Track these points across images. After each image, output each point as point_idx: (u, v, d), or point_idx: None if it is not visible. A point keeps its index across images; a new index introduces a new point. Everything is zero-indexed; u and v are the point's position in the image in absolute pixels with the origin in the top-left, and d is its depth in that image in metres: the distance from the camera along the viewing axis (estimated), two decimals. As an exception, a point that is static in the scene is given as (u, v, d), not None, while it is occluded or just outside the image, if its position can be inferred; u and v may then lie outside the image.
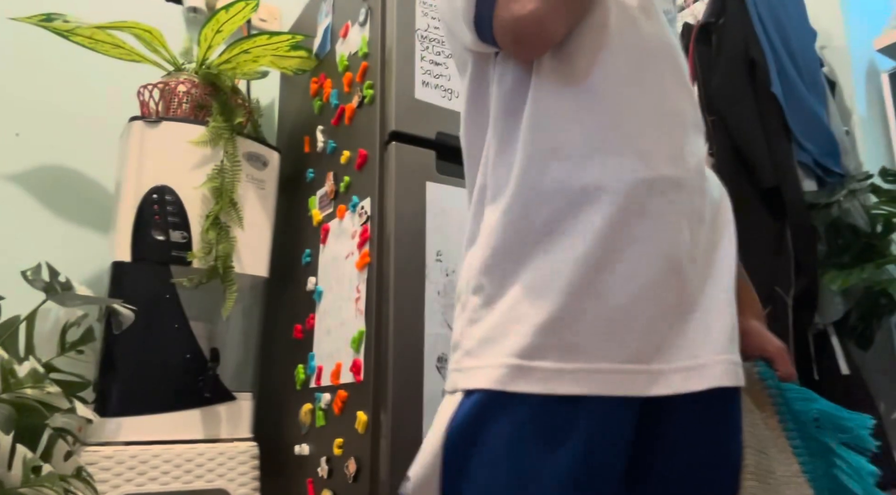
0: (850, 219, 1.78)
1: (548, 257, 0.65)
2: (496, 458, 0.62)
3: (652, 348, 0.63)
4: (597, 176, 0.66)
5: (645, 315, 0.64)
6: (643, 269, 0.64)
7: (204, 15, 2.04)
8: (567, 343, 0.63)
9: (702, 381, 0.63)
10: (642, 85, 0.71)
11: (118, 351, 1.46)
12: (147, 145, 1.57)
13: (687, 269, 0.67)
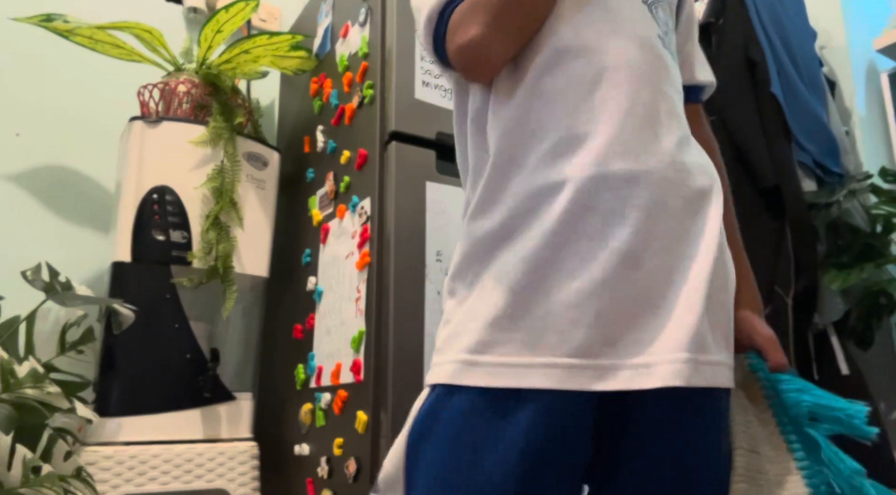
0: (849, 219, 1.78)
1: (502, 258, 0.69)
2: (442, 448, 0.65)
3: (602, 342, 0.64)
4: (550, 179, 0.68)
5: (593, 309, 0.64)
6: (591, 265, 0.65)
7: (204, 15, 2.04)
8: (511, 338, 0.65)
9: (651, 380, 0.62)
10: (598, 84, 0.71)
11: (118, 351, 1.46)
12: (147, 145, 1.57)
13: (647, 263, 0.66)
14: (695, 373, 0.63)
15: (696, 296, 0.65)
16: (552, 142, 0.70)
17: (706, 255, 0.68)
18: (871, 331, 1.73)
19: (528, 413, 0.63)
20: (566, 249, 0.66)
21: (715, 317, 0.67)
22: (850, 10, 2.08)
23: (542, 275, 0.66)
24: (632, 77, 0.71)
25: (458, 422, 0.65)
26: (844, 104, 2.02)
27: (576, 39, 0.72)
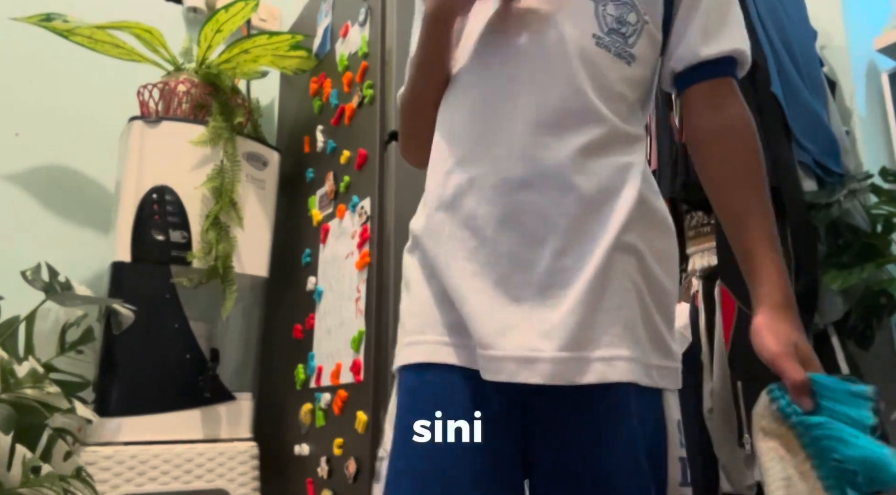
0: (850, 219, 1.78)
1: (413, 259, 0.79)
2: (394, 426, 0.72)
3: (491, 333, 0.66)
4: (450, 185, 0.74)
5: (476, 300, 0.67)
6: (467, 265, 0.69)
7: (204, 15, 2.04)
8: (410, 326, 0.74)
9: (531, 375, 0.64)
10: (492, 97, 0.74)
11: (118, 351, 1.46)
12: (147, 145, 1.57)
13: (536, 262, 0.68)
14: (567, 373, 0.64)
15: (585, 291, 0.66)
16: (447, 153, 0.76)
17: (604, 251, 0.67)
18: (871, 331, 1.73)
19: (427, 385, 0.71)
20: (448, 253, 0.72)
21: (611, 314, 0.67)
22: (850, 9, 2.08)
23: (430, 273, 0.74)
24: (545, 78, 0.72)
25: (398, 399, 0.74)
26: (844, 104, 2.02)
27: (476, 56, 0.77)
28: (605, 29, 0.74)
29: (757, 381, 1.72)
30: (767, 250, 0.74)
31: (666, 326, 0.74)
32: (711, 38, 0.80)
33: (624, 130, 0.74)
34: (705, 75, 0.80)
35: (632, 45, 0.76)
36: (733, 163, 0.78)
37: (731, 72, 0.82)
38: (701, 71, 0.80)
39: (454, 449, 0.66)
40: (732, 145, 0.79)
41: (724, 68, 0.81)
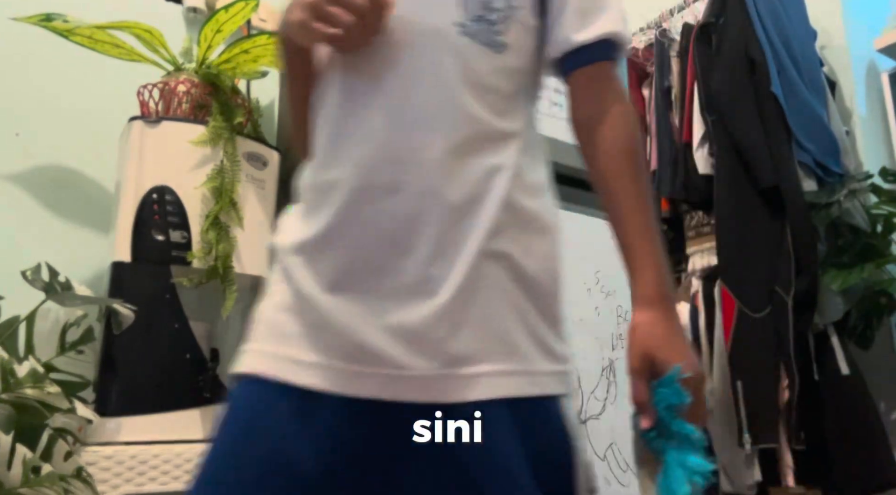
0: (850, 219, 1.78)
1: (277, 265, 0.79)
2: None
3: (342, 349, 0.65)
4: (314, 188, 0.73)
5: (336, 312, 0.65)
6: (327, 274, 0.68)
7: (204, 15, 2.04)
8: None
9: (397, 391, 0.63)
10: (355, 94, 0.71)
11: (118, 351, 1.46)
12: (147, 145, 1.57)
13: (403, 271, 0.65)
14: (435, 387, 0.63)
15: (441, 308, 0.64)
16: (322, 157, 0.73)
17: (468, 261, 0.65)
18: (871, 331, 1.73)
19: (239, 392, 0.77)
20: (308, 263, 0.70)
21: (480, 326, 0.65)
22: (850, 10, 2.08)
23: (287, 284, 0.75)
24: (419, 80, 0.69)
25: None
26: (844, 104, 2.02)
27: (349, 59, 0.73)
28: (470, 16, 0.70)
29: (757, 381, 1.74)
30: (643, 243, 0.73)
31: (551, 329, 0.71)
32: (586, 23, 0.74)
33: (497, 128, 0.70)
34: (582, 61, 0.75)
35: (501, 33, 0.72)
36: (610, 153, 0.74)
37: (608, 56, 0.76)
38: (578, 57, 0.75)
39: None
40: (609, 134, 0.74)
41: (600, 53, 0.75)
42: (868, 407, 1.66)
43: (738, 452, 1.72)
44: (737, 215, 1.78)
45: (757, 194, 1.75)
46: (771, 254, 1.72)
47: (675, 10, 2.22)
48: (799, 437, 1.63)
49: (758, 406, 1.66)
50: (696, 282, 1.98)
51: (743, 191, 1.78)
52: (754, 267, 1.74)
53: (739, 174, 1.78)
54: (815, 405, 1.66)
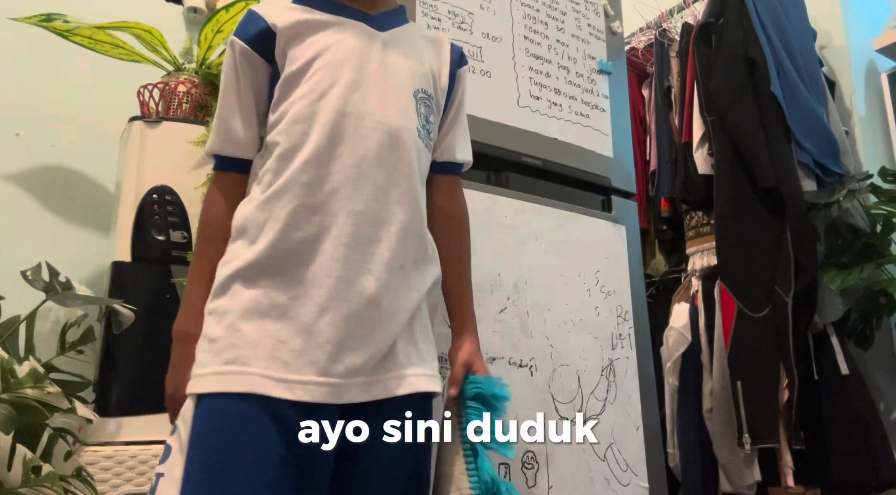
0: (849, 219, 1.78)
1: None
2: None
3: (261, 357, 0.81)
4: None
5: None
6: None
7: (204, 15, 2.04)
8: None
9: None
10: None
11: (118, 351, 1.46)
12: (147, 145, 1.57)
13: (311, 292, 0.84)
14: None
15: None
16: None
17: (362, 281, 0.86)
18: (871, 330, 1.73)
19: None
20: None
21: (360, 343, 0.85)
22: (850, 10, 2.09)
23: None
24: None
25: None
26: (844, 104, 2.02)
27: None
28: (420, 123, 0.96)
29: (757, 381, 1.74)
30: (467, 299, 1.05)
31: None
32: (465, 146, 1.08)
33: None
34: (452, 171, 1.06)
35: (432, 139, 1.01)
36: (458, 238, 1.05)
37: (460, 172, 1.09)
38: (451, 168, 1.06)
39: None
40: (458, 225, 1.05)
41: (459, 169, 1.08)
42: (868, 407, 1.66)
43: (738, 452, 1.72)
44: (737, 215, 1.78)
45: (757, 194, 1.75)
46: (771, 254, 1.72)
47: (675, 10, 2.22)
48: (799, 437, 1.63)
49: (758, 406, 1.66)
50: (696, 282, 1.98)
51: (743, 192, 1.78)
52: (754, 267, 1.74)
53: (739, 174, 1.78)
54: (814, 405, 1.66)
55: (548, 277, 1.41)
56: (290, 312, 0.81)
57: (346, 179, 0.85)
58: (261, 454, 0.76)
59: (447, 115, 1.06)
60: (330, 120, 0.87)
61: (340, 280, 0.83)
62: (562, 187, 1.54)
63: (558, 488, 1.29)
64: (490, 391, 0.93)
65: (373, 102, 0.90)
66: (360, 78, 0.90)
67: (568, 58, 1.64)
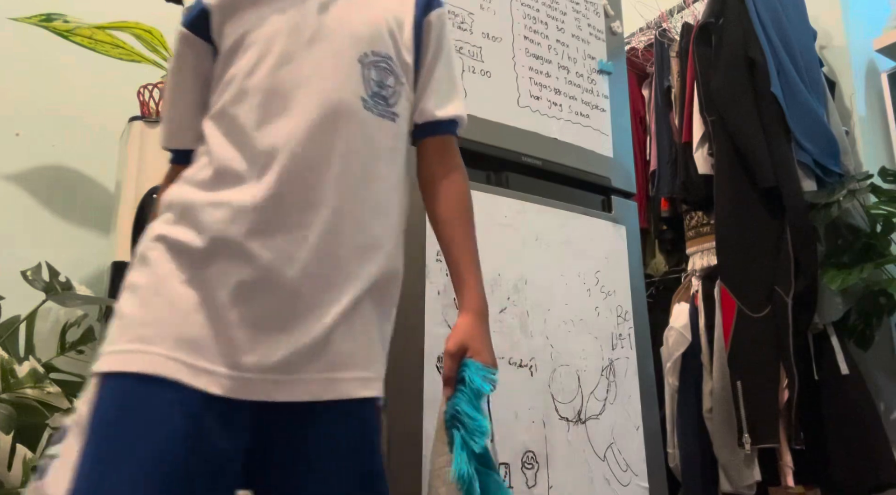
0: (849, 219, 1.78)
1: None
2: None
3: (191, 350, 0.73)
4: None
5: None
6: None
7: (204, 15, 2.04)
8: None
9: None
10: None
11: (118, 351, 1.46)
12: (147, 145, 1.57)
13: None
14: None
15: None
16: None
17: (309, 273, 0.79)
18: (871, 330, 1.73)
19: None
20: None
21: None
22: (850, 10, 2.09)
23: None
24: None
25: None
26: (844, 104, 2.02)
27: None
28: (369, 93, 0.86)
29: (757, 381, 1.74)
30: (472, 273, 0.94)
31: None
32: (444, 103, 0.96)
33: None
34: (437, 131, 0.96)
35: (393, 105, 0.89)
36: (450, 203, 0.95)
37: (454, 131, 0.98)
38: (434, 127, 0.96)
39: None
40: (451, 188, 0.96)
41: (448, 128, 0.97)
42: (868, 407, 1.66)
43: (738, 452, 1.72)
44: (737, 215, 1.78)
45: (757, 194, 1.75)
46: (771, 254, 1.72)
47: (675, 10, 2.22)
48: (799, 437, 1.63)
49: (758, 406, 1.66)
50: (696, 282, 1.98)
51: (743, 191, 1.78)
52: (754, 267, 1.74)
53: (739, 174, 1.78)
54: (814, 405, 1.66)
55: (548, 277, 1.41)
56: (203, 295, 0.74)
57: (274, 162, 0.78)
58: (156, 445, 0.68)
59: (420, 70, 0.95)
60: (257, 100, 0.80)
61: (259, 267, 0.75)
62: (562, 187, 1.53)
63: (558, 488, 1.29)
64: (472, 377, 0.85)
65: (304, 76, 0.82)
66: (292, 50, 0.82)
67: (568, 58, 1.64)
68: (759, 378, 1.68)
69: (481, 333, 0.91)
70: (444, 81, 0.97)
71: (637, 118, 2.26)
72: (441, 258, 1.29)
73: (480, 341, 0.89)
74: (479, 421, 0.83)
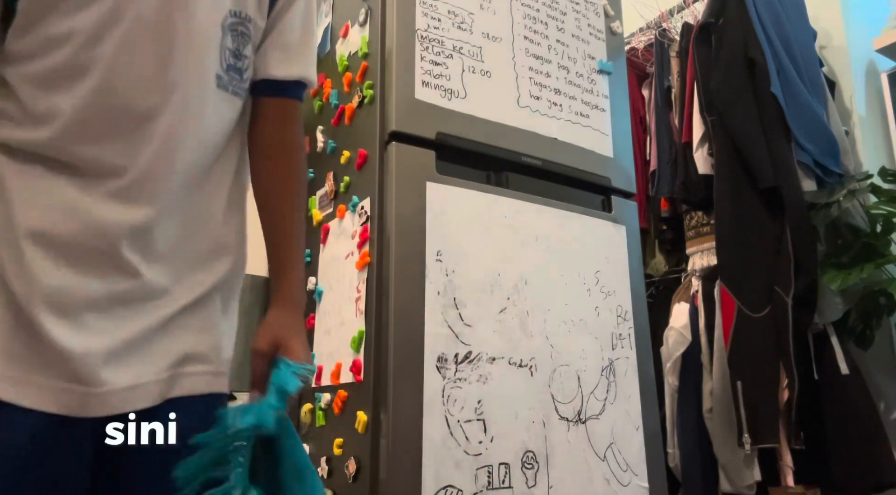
0: (849, 219, 1.78)
1: None
2: None
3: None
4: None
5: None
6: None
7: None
8: None
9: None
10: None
11: (118, 351, 1.46)
12: None
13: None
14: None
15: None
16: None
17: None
18: (871, 331, 1.73)
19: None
20: None
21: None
22: (850, 10, 2.09)
23: None
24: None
25: None
26: (844, 104, 2.02)
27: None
28: (224, 67, 0.74)
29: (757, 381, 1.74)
30: (295, 257, 0.84)
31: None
32: (282, 59, 0.82)
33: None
34: (276, 92, 0.83)
35: (245, 80, 0.79)
36: (284, 176, 0.84)
37: (298, 95, 0.86)
38: (273, 88, 0.83)
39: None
40: (287, 162, 0.84)
41: (288, 90, 0.84)
42: (868, 407, 1.66)
43: (738, 452, 1.72)
44: (736, 215, 1.78)
45: (757, 194, 1.75)
46: (771, 253, 1.72)
47: (674, 10, 2.22)
48: (799, 437, 1.63)
49: (758, 406, 1.66)
50: (695, 282, 1.98)
51: (743, 191, 1.78)
52: (754, 267, 1.74)
53: (739, 174, 1.78)
54: (814, 405, 1.66)
55: (548, 277, 1.41)
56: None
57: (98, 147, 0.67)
58: None
59: (269, 24, 0.81)
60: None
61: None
62: (562, 187, 1.54)
63: (558, 488, 1.29)
64: (280, 378, 0.75)
65: (148, 68, 0.68)
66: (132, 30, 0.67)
67: (568, 58, 1.64)
68: (759, 378, 1.68)
69: (295, 328, 0.81)
70: (293, 32, 0.83)
71: (637, 118, 2.26)
72: (441, 258, 1.29)
73: (294, 337, 0.80)
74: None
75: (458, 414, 1.21)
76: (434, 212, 1.32)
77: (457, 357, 1.24)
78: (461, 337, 1.26)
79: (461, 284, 1.29)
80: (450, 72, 1.44)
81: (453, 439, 1.20)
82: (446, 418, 1.20)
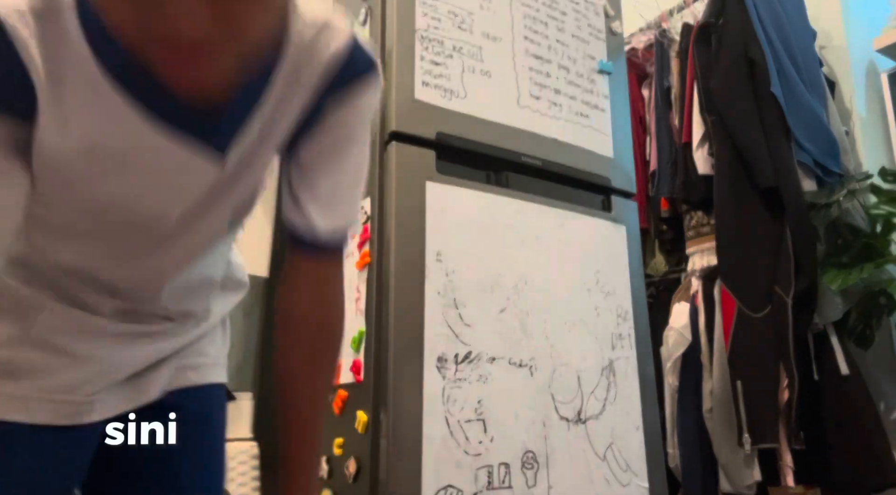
0: (849, 219, 1.78)
1: None
2: None
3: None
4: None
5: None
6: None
7: (204, 15, 2.03)
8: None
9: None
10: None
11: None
12: None
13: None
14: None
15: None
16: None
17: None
18: (871, 331, 1.73)
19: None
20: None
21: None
22: (850, 10, 2.08)
23: None
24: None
25: None
26: (844, 104, 2.02)
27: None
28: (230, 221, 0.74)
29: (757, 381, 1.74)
30: (313, 456, 0.81)
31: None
32: (331, 210, 0.72)
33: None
34: (315, 249, 0.71)
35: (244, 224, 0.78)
36: (319, 362, 0.74)
37: (341, 247, 0.73)
38: (312, 244, 0.70)
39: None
40: (324, 343, 0.74)
41: (333, 243, 0.71)
42: (868, 407, 1.66)
43: (738, 452, 1.72)
44: (737, 215, 1.78)
45: (757, 194, 1.75)
46: (771, 254, 1.72)
47: (674, 11, 2.22)
48: (799, 437, 1.63)
49: (758, 406, 1.66)
50: (696, 282, 1.98)
51: (743, 192, 1.78)
52: (754, 267, 1.74)
53: (739, 174, 1.78)
54: (814, 405, 1.66)
55: (548, 277, 1.41)
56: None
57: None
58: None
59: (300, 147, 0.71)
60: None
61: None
62: (562, 187, 1.54)
63: (558, 488, 1.29)
64: None
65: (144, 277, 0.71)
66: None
67: (568, 58, 1.64)
68: (759, 378, 1.68)
69: None
70: (342, 174, 0.73)
71: (637, 118, 2.26)
72: (441, 258, 1.29)
73: None
74: None
75: (458, 415, 1.21)
76: (434, 212, 1.32)
77: (457, 357, 1.24)
78: (461, 337, 1.26)
79: (461, 284, 1.29)
80: (450, 72, 1.44)
81: (453, 439, 1.20)
82: (446, 418, 1.20)
